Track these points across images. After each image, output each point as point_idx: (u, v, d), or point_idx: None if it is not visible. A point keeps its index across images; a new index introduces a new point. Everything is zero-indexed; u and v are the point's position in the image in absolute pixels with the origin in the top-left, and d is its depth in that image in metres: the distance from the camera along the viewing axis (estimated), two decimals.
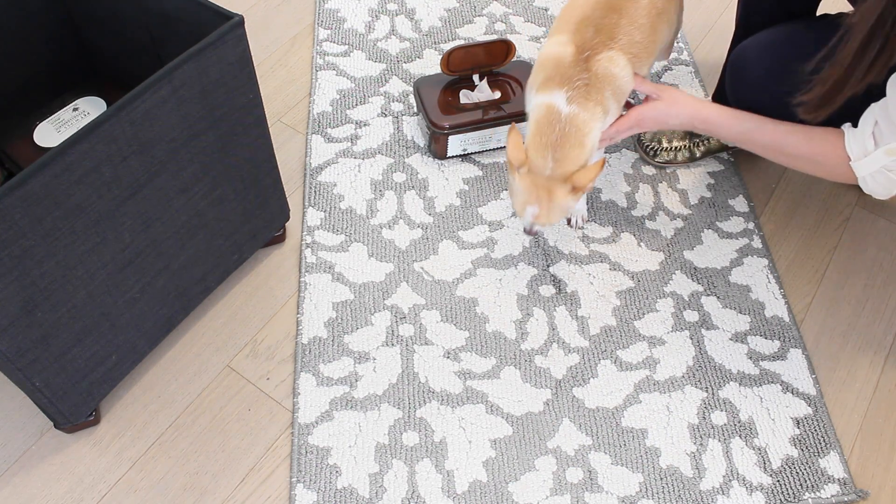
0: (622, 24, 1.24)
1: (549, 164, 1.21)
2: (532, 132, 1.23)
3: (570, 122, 1.20)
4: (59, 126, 1.42)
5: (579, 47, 1.23)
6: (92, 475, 1.22)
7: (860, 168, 1.18)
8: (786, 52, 1.26)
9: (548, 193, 1.21)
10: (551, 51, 1.26)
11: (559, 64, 1.23)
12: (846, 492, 1.22)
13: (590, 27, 1.24)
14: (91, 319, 1.12)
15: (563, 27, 1.27)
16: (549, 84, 1.23)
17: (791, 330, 1.39)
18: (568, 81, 1.21)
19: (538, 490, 1.21)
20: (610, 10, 1.25)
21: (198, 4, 1.12)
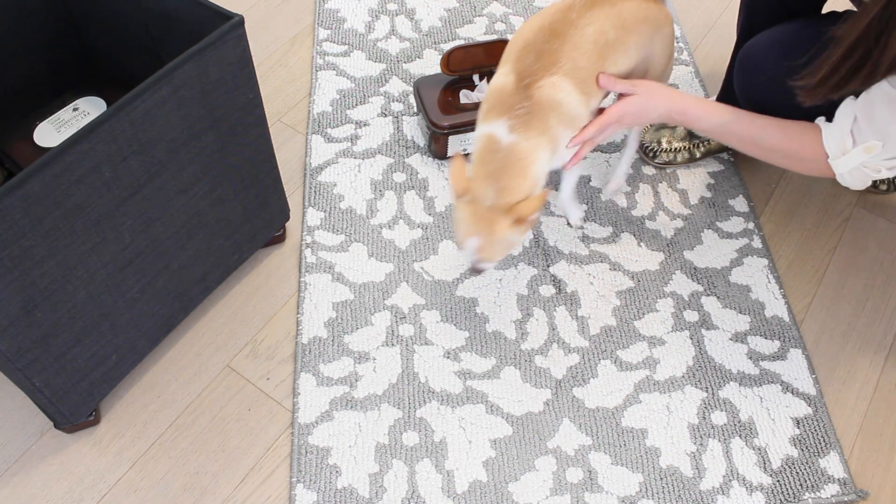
0: (565, 50, 1.18)
1: (490, 195, 1.15)
2: (475, 162, 1.18)
3: (511, 152, 1.15)
4: (59, 126, 1.42)
5: (520, 75, 1.18)
6: (92, 475, 1.22)
7: (838, 166, 1.18)
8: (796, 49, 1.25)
9: (489, 225, 1.15)
10: (494, 82, 1.22)
11: (501, 93, 1.19)
12: (846, 492, 1.22)
13: (531, 53, 1.19)
14: (91, 319, 1.12)
15: (508, 57, 1.23)
16: (491, 114, 1.19)
17: (791, 330, 1.39)
18: (509, 110, 1.17)
19: (538, 490, 1.21)
20: (552, 35, 1.20)
21: (198, 4, 1.12)
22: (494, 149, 1.16)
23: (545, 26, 1.20)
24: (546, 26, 1.20)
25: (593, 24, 1.20)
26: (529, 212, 1.14)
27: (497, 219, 1.15)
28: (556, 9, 1.23)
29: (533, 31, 1.21)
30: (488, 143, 1.17)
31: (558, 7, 1.23)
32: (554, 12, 1.22)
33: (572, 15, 1.20)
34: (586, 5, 1.21)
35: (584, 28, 1.19)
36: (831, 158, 1.18)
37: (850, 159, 1.17)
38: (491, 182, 1.15)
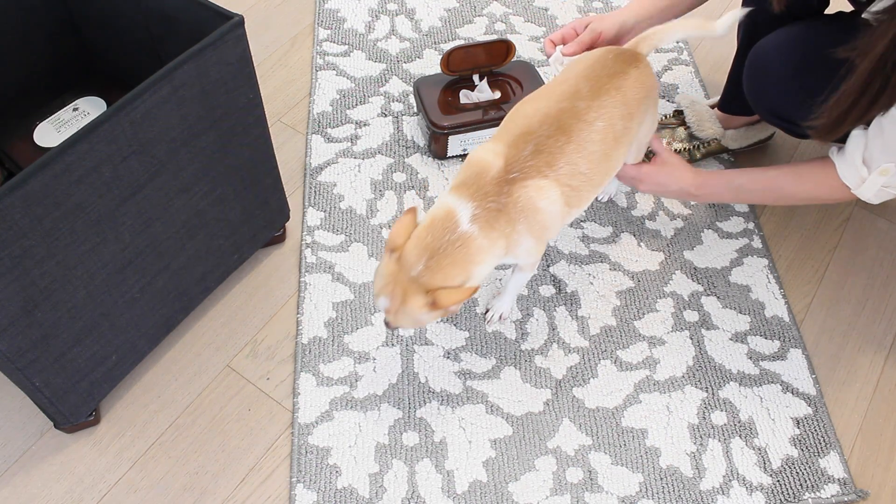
0: (567, 150, 1.09)
1: (419, 267, 1.05)
2: (423, 226, 1.08)
3: (462, 242, 1.05)
4: (59, 126, 1.42)
5: (509, 164, 1.08)
6: (92, 475, 1.22)
7: (862, 193, 1.22)
8: (806, 49, 1.24)
9: (403, 295, 1.06)
10: (482, 156, 1.11)
11: (482, 173, 1.09)
12: (846, 492, 1.22)
13: (529, 144, 1.09)
14: (91, 319, 1.12)
15: (504, 135, 1.13)
16: (462, 190, 1.09)
17: (791, 330, 1.39)
18: (481, 198, 1.07)
19: (538, 490, 1.21)
20: (558, 129, 1.10)
21: (198, 4, 1.12)
22: (448, 227, 1.06)
23: (551, 115, 1.11)
24: (552, 116, 1.11)
25: (602, 118, 1.12)
26: (450, 302, 1.04)
27: (413, 293, 1.05)
28: (562, 93, 1.14)
29: (538, 118, 1.11)
30: (445, 217, 1.07)
31: (564, 91, 1.14)
32: (561, 97, 1.13)
33: (580, 104, 1.12)
34: (594, 91, 1.13)
35: (592, 123, 1.11)
36: (853, 189, 1.22)
37: (870, 185, 1.20)
38: (426, 256, 1.05)
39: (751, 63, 1.34)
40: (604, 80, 1.15)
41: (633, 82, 1.17)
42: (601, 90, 1.14)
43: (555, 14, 1.88)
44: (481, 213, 1.06)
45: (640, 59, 1.21)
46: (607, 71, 1.16)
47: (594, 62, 1.19)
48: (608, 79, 1.15)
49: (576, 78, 1.16)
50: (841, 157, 1.22)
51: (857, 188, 1.21)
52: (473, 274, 1.08)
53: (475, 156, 1.12)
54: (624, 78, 1.16)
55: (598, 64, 1.18)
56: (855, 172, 1.20)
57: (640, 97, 1.17)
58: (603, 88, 1.14)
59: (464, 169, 1.13)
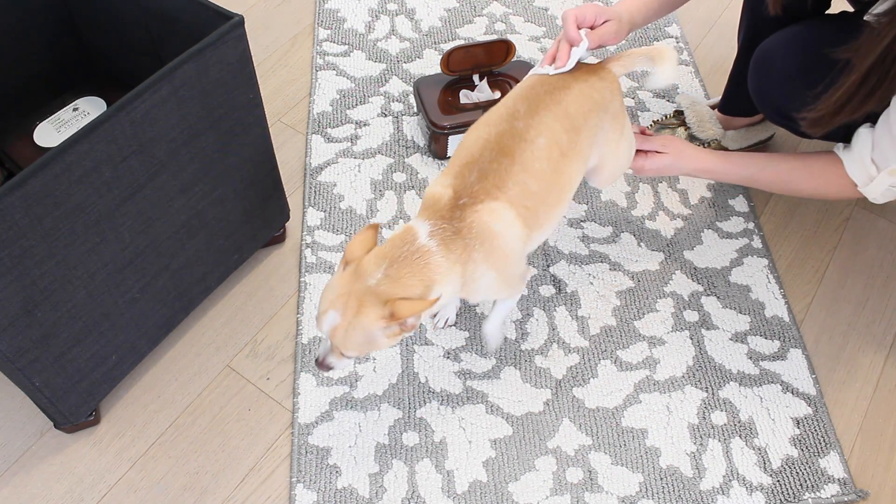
0: (513, 171, 1.05)
1: (377, 276, 0.99)
2: (383, 244, 1.05)
3: (420, 253, 1.01)
4: (59, 126, 1.42)
5: (457, 192, 1.05)
6: (92, 475, 1.22)
7: (869, 192, 1.23)
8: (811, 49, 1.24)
9: (357, 306, 0.98)
10: (432, 190, 1.09)
11: (435, 202, 1.06)
12: (846, 492, 1.22)
13: (473, 171, 1.06)
14: (91, 319, 1.12)
15: (450, 169, 1.10)
16: (420, 214, 1.08)
17: (791, 330, 1.39)
18: (438, 219, 1.04)
19: (538, 490, 1.21)
20: (499, 153, 1.06)
21: (198, 4, 1.12)
22: (407, 240, 1.02)
23: (491, 140, 1.08)
24: (492, 141, 1.07)
25: (544, 134, 1.08)
26: (408, 313, 0.97)
27: (369, 304, 0.98)
28: (499, 116, 1.11)
29: (478, 146, 1.08)
30: (404, 233, 1.04)
31: (501, 114, 1.11)
32: (498, 121, 1.10)
33: (518, 124, 1.08)
34: (531, 109, 1.09)
35: (534, 141, 1.07)
36: (860, 187, 1.23)
37: (878, 184, 1.21)
38: (385, 265, 1.00)
39: (756, 62, 1.34)
40: (542, 97, 1.11)
41: (577, 95, 1.12)
42: (539, 107, 1.10)
43: (555, 14, 1.88)
44: (438, 232, 1.03)
45: (597, 72, 1.17)
46: (546, 87, 1.13)
47: (535, 80, 1.15)
48: (546, 94, 1.12)
49: (513, 99, 1.13)
50: (848, 154, 1.23)
51: (864, 186, 1.22)
52: (433, 288, 1.02)
53: (428, 191, 1.10)
54: (565, 92, 1.12)
55: (538, 82, 1.14)
56: (863, 171, 1.21)
57: (585, 110, 1.12)
58: (541, 104, 1.10)
59: (421, 204, 1.10)
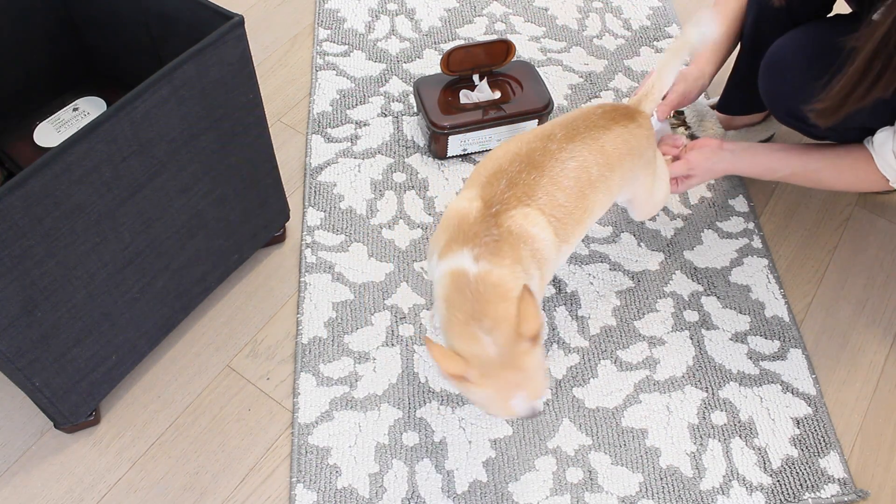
0: (543, 184, 1.05)
1: (489, 342, 0.94)
2: (445, 313, 0.99)
3: (483, 282, 0.96)
4: (59, 126, 1.42)
5: (487, 202, 1.03)
6: (92, 475, 1.22)
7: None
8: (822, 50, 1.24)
9: (515, 368, 0.94)
10: (457, 206, 1.05)
11: (462, 221, 1.02)
12: (846, 492, 1.22)
13: (502, 180, 1.05)
14: (91, 319, 1.12)
15: (474, 182, 1.09)
16: (452, 246, 1.01)
17: (791, 330, 1.39)
18: (473, 239, 1.00)
19: (538, 490, 1.21)
20: (530, 165, 1.06)
21: (198, 4, 1.12)
22: (463, 285, 0.97)
23: (521, 154, 1.08)
24: (522, 154, 1.08)
25: (576, 158, 1.08)
26: (537, 325, 0.93)
27: (516, 356, 0.94)
28: (535, 136, 1.11)
29: (507, 158, 1.08)
30: (455, 282, 0.98)
31: (536, 134, 1.11)
32: (531, 139, 1.10)
33: (552, 146, 1.08)
34: (567, 136, 1.10)
35: (565, 161, 1.08)
36: (892, 182, 1.25)
37: None
38: (477, 327, 0.94)
39: (767, 64, 1.34)
40: (581, 129, 1.11)
41: (615, 138, 1.13)
42: (576, 136, 1.10)
43: (555, 14, 1.88)
44: (481, 251, 0.99)
45: (636, 117, 1.18)
46: (587, 123, 1.13)
47: (577, 115, 1.15)
48: (586, 129, 1.12)
49: (552, 124, 1.13)
50: (873, 147, 1.25)
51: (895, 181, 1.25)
52: (515, 290, 0.97)
53: (451, 208, 1.07)
54: (605, 132, 1.12)
55: (580, 116, 1.15)
56: (890, 167, 1.23)
57: (621, 152, 1.13)
58: (578, 135, 1.10)
59: (443, 227, 1.06)
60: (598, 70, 1.76)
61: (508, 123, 1.55)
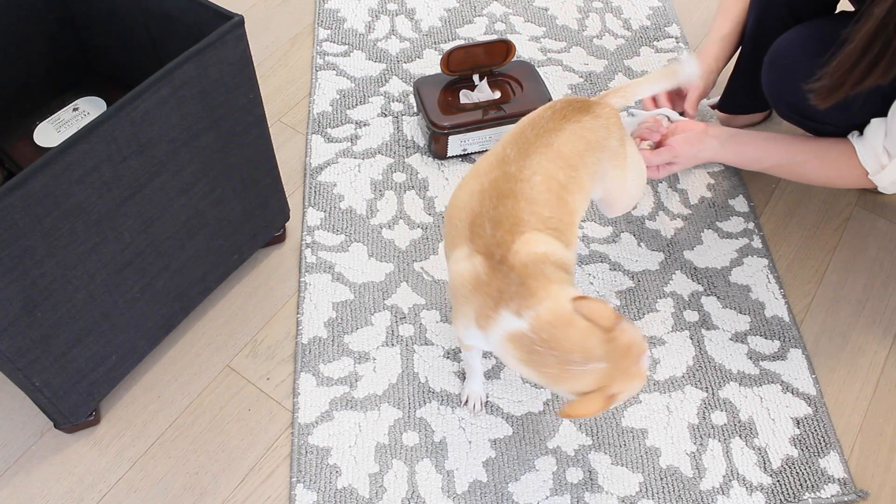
0: (522, 207, 1.01)
1: (593, 367, 0.93)
2: (540, 377, 0.96)
3: (542, 329, 0.93)
4: (59, 126, 1.42)
5: (486, 252, 0.98)
6: (92, 475, 1.22)
7: (880, 180, 1.25)
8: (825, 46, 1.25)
9: (625, 352, 0.94)
10: (461, 273, 1.00)
11: (478, 285, 0.98)
12: (846, 492, 1.22)
13: (484, 224, 1.00)
14: (91, 319, 1.12)
15: (458, 239, 1.03)
16: (488, 314, 0.97)
17: (791, 330, 1.39)
18: (500, 296, 0.96)
19: (538, 490, 1.21)
20: (499, 197, 1.02)
21: (198, 4, 1.12)
22: (530, 343, 0.94)
23: (486, 189, 1.03)
24: (486, 189, 1.03)
25: (538, 173, 1.04)
26: (606, 314, 0.93)
27: (617, 345, 0.93)
28: (490, 165, 1.07)
29: (475, 199, 1.03)
30: (521, 345, 0.95)
31: (491, 162, 1.07)
32: (488, 169, 1.06)
33: (511, 168, 1.04)
34: (521, 153, 1.06)
35: (530, 179, 1.04)
36: (871, 175, 1.25)
37: (890, 172, 1.24)
38: (576, 366, 0.93)
39: (770, 59, 1.34)
40: (531, 140, 1.07)
41: (569, 137, 1.09)
42: (529, 149, 1.06)
43: (555, 14, 1.88)
44: (517, 303, 0.95)
45: (590, 109, 1.13)
46: (537, 131, 1.09)
47: (526, 124, 1.12)
48: (536, 138, 1.08)
49: (502, 145, 1.09)
50: (861, 142, 1.26)
51: (875, 174, 1.24)
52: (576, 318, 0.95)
53: (458, 275, 1.01)
54: (556, 134, 1.08)
55: (529, 125, 1.11)
56: (875, 159, 1.23)
57: (579, 150, 1.09)
58: (531, 148, 1.06)
59: (463, 298, 1.01)
60: (598, 70, 1.76)
61: (508, 123, 1.55)
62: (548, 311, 0.94)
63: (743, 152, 1.39)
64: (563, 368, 0.93)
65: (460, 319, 1.03)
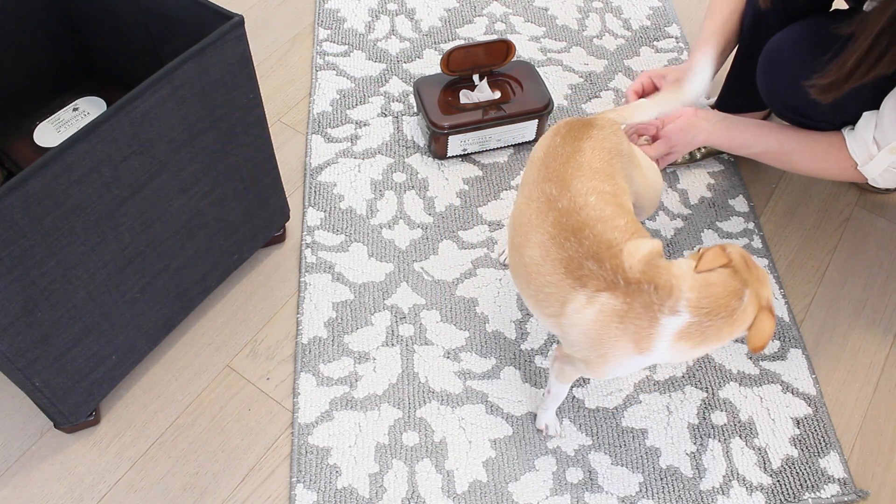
0: (599, 231, 1.01)
1: (743, 298, 0.95)
2: (715, 342, 0.98)
3: (700, 307, 0.95)
4: (59, 126, 1.42)
5: (609, 284, 0.97)
6: (92, 475, 1.22)
7: (868, 171, 1.26)
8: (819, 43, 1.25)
9: (758, 276, 0.99)
10: (594, 319, 0.98)
11: (626, 314, 0.97)
12: (846, 492, 1.22)
13: (583, 263, 0.99)
14: (91, 319, 1.12)
15: (558, 293, 1.02)
16: (647, 336, 0.97)
17: (791, 330, 1.39)
18: (651, 308, 0.95)
19: (538, 490, 1.21)
20: (574, 234, 1.02)
21: (198, 4, 1.12)
22: (699, 326, 0.96)
23: (556, 236, 1.03)
24: (556, 235, 1.03)
25: (590, 193, 1.05)
26: (715, 254, 0.98)
27: (749, 276, 0.97)
28: (539, 214, 1.06)
29: (553, 249, 1.02)
30: (690, 334, 0.96)
31: (538, 212, 1.06)
32: (541, 218, 1.05)
33: (563, 204, 1.04)
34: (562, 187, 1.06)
35: (586, 203, 1.04)
36: (860, 166, 1.26)
37: (878, 163, 1.24)
38: (733, 311, 0.96)
39: (764, 58, 1.34)
40: (561, 171, 1.08)
41: (591, 152, 1.10)
42: (567, 180, 1.07)
43: (555, 14, 1.88)
44: (665, 307, 0.96)
45: (593, 124, 1.15)
46: (559, 160, 1.10)
47: (545, 159, 1.11)
48: (564, 166, 1.09)
49: (537, 187, 1.08)
50: (851, 133, 1.27)
51: (864, 164, 1.25)
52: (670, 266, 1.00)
53: (598, 326, 0.99)
54: (580, 154, 1.10)
55: (549, 158, 1.11)
56: (864, 149, 1.24)
57: (606, 159, 1.11)
58: (567, 177, 1.07)
59: (615, 339, 0.99)
60: (598, 70, 1.76)
61: (508, 123, 1.55)
62: (690, 290, 0.96)
63: (732, 137, 1.41)
64: (732, 321, 0.96)
65: (611, 360, 1.01)
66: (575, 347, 1.04)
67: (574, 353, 1.06)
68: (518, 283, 1.11)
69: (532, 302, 1.08)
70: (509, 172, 1.58)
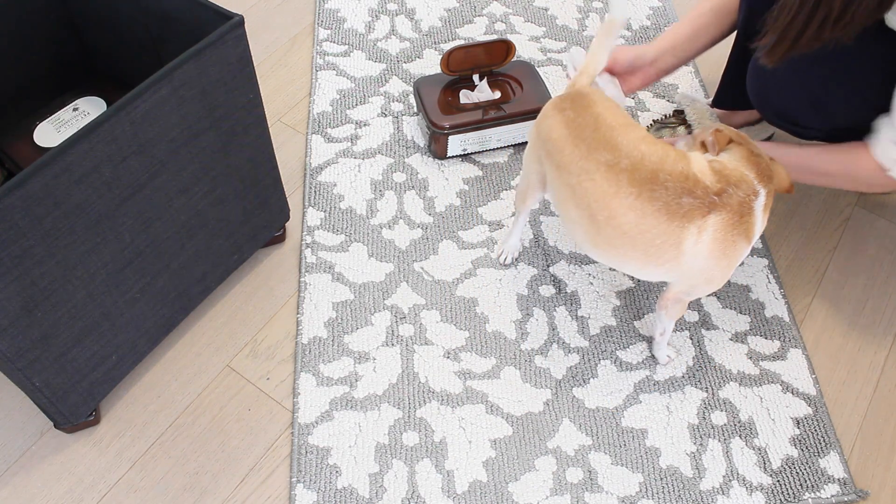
0: (668, 167, 1.09)
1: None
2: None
3: (764, 179, 1.11)
4: (59, 126, 1.42)
5: (710, 205, 1.07)
6: (92, 475, 1.22)
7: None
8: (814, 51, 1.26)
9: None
10: (717, 238, 1.08)
11: (735, 217, 1.08)
12: (846, 492, 1.22)
13: (681, 200, 1.07)
14: (91, 319, 1.12)
15: (675, 227, 1.08)
16: (750, 209, 1.10)
17: (791, 330, 1.39)
18: (747, 193, 1.08)
19: (538, 490, 1.21)
20: (653, 180, 1.07)
21: (198, 4, 1.12)
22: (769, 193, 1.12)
23: (641, 193, 1.08)
24: (641, 192, 1.07)
25: (637, 145, 1.10)
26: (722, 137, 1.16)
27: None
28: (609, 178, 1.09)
29: (648, 201, 1.07)
30: (769, 198, 1.12)
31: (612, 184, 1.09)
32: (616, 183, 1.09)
33: (623, 163, 1.09)
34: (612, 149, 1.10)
35: (642, 152, 1.10)
36: (890, 171, 1.23)
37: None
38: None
39: (754, 64, 1.34)
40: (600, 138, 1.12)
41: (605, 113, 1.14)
42: (611, 143, 1.11)
43: (555, 14, 1.88)
44: (750, 191, 1.09)
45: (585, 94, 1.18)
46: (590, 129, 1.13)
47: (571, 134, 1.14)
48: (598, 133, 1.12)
49: (590, 160, 1.11)
50: (874, 139, 1.24)
51: (892, 169, 1.22)
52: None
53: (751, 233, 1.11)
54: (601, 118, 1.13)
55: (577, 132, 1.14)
56: (889, 153, 1.22)
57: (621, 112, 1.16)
58: (611, 141, 1.11)
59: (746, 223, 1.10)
60: None
61: (508, 123, 1.55)
62: (749, 170, 1.11)
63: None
64: (771, 177, 1.12)
65: (734, 263, 1.12)
66: (699, 276, 1.12)
67: (694, 282, 1.15)
68: (618, 252, 1.13)
69: (641, 262, 1.12)
70: (509, 172, 1.58)
